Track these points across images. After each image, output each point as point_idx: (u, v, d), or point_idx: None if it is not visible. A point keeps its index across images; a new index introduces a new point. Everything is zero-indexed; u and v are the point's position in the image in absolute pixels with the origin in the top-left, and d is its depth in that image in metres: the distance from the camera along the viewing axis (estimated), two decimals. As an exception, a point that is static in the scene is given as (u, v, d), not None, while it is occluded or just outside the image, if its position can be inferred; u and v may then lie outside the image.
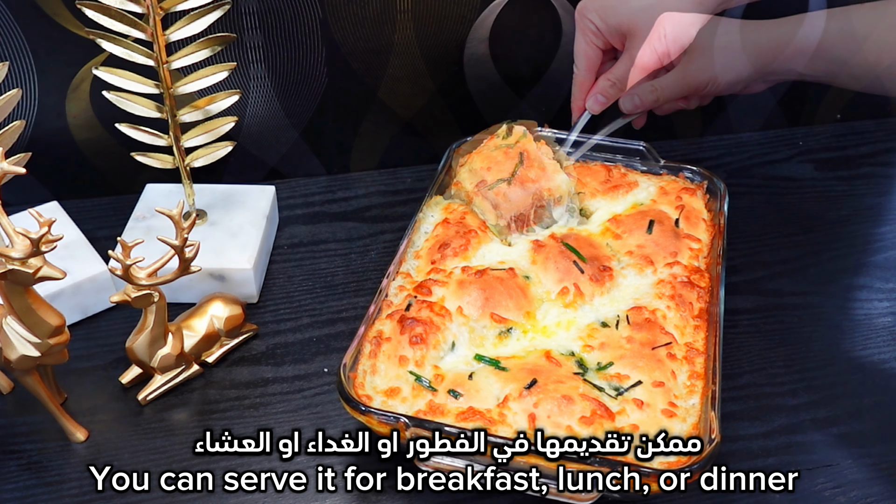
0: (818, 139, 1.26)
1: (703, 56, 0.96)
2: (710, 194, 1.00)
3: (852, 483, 0.80)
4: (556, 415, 0.73)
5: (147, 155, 0.96)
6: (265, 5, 1.02)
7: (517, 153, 0.96)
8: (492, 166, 0.96)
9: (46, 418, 0.82)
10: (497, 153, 0.97)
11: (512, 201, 0.93)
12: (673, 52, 0.92)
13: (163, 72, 0.90)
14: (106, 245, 0.98)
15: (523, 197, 0.93)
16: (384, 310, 0.84)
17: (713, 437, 0.70)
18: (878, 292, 1.00)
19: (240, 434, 0.83)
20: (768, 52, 0.95)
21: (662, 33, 0.90)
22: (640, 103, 0.98)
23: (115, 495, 0.78)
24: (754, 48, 0.95)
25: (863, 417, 0.86)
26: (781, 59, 0.95)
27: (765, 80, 1.00)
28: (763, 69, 0.97)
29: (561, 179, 0.95)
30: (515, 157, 0.95)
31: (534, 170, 0.95)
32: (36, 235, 0.68)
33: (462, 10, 1.07)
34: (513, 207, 0.94)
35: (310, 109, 1.11)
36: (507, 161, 0.95)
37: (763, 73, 0.97)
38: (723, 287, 0.86)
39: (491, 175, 0.95)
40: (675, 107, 1.02)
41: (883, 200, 1.15)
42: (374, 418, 0.73)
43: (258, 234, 0.99)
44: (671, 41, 0.91)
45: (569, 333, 0.83)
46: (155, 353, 0.84)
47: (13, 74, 0.99)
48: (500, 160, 0.96)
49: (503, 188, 0.94)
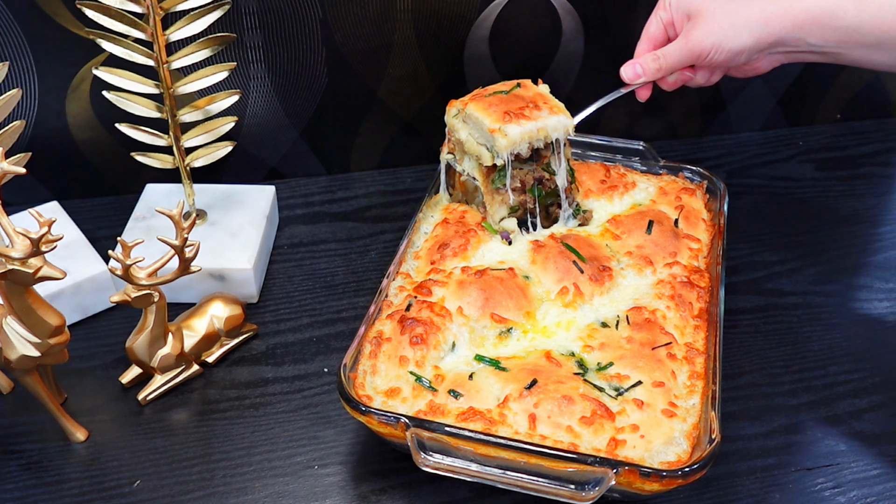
0: (818, 139, 1.26)
1: (708, 21, 0.92)
2: (710, 194, 1.00)
3: (852, 483, 0.80)
4: (557, 415, 0.73)
5: (147, 155, 0.96)
6: (265, 5, 1.02)
7: (517, 96, 0.92)
8: (490, 106, 0.91)
9: (46, 418, 0.82)
10: (495, 97, 0.93)
11: (509, 136, 0.88)
12: None
13: (163, 72, 0.90)
14: (106, 245, 0.98)
15: (521, 133, 0.88)
16: (384, 310, 0.84)
17: (713, 437, 0.70)
18: (878, 292, 1.00)
19: (239, 434, 0.83)
20: (776, 18, 0.90)
21: None
22: (641, 72, 0.95)
23: (115, 495, 0.78)
24: (761, 13, 0.90)
25: (863, 417, 0.86)
26: (790, 27, 0.90)
27: (771, 52, 0.94)
28: (770, 38, 0.91)
29: (563, 120, 0.91)
30: (516, 101, 0.91)
31: (535, 95, 0.92)
32: (36, 235, 0.68)
33: (462, 10, 1.07)
34: (510, 143, 0.89)
35: (310, 109, 1.11)
36: (507, 103, 0.92)
37: (770, 44, 0.92)
38: (723, 287, 0.86)
39: (489, 116, 0.90)
40: (682, 79, 0.98)
41: (883, 200, 1.15)
42: (374, 418, 0.73)
43: (258, 234, 0.99)
44: None
45: (569, 334, 0.83)
46: (155, 353, 0.84)
47: (13, 74, 0.99)
48: (498, 102, 0.92)
49: (498, 127, 0.89)
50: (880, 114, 1.30)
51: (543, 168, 0.92)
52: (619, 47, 1.12)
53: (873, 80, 1.27)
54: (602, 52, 1.14)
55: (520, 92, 0.93)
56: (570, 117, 0.91)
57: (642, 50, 0.97)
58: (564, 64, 1.10)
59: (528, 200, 0.92)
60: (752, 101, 1.24)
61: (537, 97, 0.93)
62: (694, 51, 0.93)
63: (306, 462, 0.81)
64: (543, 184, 0.92)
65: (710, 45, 0.92)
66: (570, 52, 1.13)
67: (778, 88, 1.24)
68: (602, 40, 1.14)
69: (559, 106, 0.92)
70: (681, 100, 1.22)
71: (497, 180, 0.92)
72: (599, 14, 1.11)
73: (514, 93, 0.93)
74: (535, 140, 0.90)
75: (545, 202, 0.94)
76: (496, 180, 0.92)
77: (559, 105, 0.92)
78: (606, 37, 1.13)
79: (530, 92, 0.94)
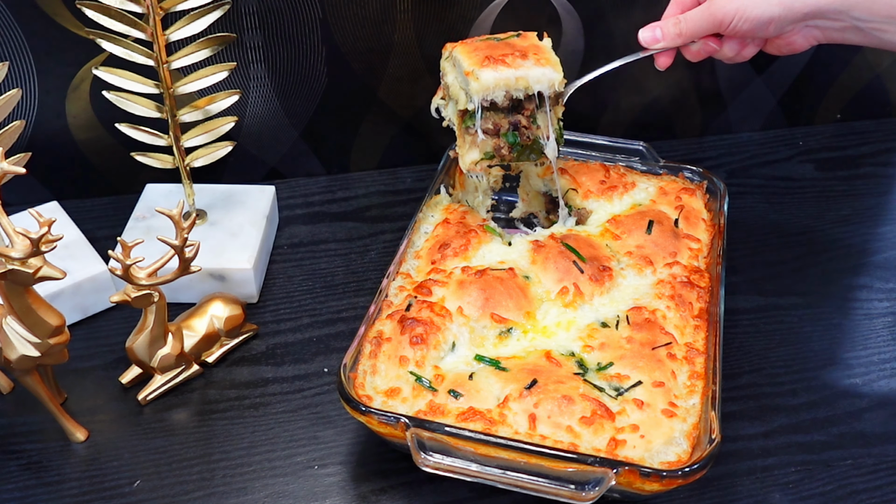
0: (818, 139, 1.26)
1: None
2: (710, 194, 1.00)
3: (852, 483, 0.80)
4: (557, 415, 0.73)
5: (147, 155, 0.96)
6: (265, 5, 1.02)
7: (509, 44, 0.89)
8: (476, 51, 0.88)
9: (46, 418, 0.82)
10: (485, 42, 0.90)
11: (481, 80, 0.85)
12: None
13: (163, 72, 0.90)
14: (106, 245, 0.98)
15: (495, 78, 0.85)
16: (384, 310, 0.84)
17: (713, 437, 0.70)
18: (878, 292, 1.00)
19: (239, 434, 0.83)
20: None
21: None
22: (661, 36, 0.90)
23: (115, 495, 0.78)
24: None
25: (862, 417, 0.86)
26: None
27: (808, 25, 0.86)
28: (805, 8, 0.83)
29: (549, 73, 0.86)
30: (503, 48, 0.88)
31: (529, 46, 0.88)
32: (36, 235, 0.68)
33: (462, 10, 1.07)
34: (482, 87, 0.85)
35: (310, 109, 1.11)
36: (493, 49, 0.88)
37: (804, 15, 0.84)
38: (723, 287, 0.86)
39: (468, 58, 0.87)
40: (707, 50, 0.91)
41: (883, 200, 1.15)
42: (374, 419, 0.73)
43: (258, 234, 0.99)
44: None
45: (569, 334, 0.83)
46: (155, 353, 0.84)
47: (13, 74, 0.99)
48: (486, 47, 0.89)
49: (472, 70, 0.86)
50: (880, 114, 1.30)
51: (525, 116, 0.89)
52: (620, 47, 1.12)
53: (873, 80, 1.27)
54: (602, 52, 1.14)
55: (515, 41, 0.91)
56: (560, 72, 0.87)
57: (669, 14, 0.92)
58: (564, 64, 1.10)
59: (502, 146, 0.90)
60: (752, 101, 1.24)
61: (530, 48, 0.89)
62: (716, 16, 0.86)
63: (306, 462, 0.81)
64: (520, 131, 0.89)
65: (732, 12, 0.85)
66: (570, 52, 1.13)
67: (778, 88, 1.24)
68: (602, 40, 1.14)
69: (550, 59, 0.88)
70: (681, 100, 1.22)
71: (469, 122, 0.89)
72: (600, 14, 1.11)
73: (507, 41, 0.91)
74: (514, 89, 0.87)
75: (524, 155, 0.91)
76: (467, 121, 0.90)
77: (551, 58, 0.88)
78: (607, 37, 1.13)
79: (526, 42, 0.90)
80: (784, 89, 1.24)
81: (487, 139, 0.89)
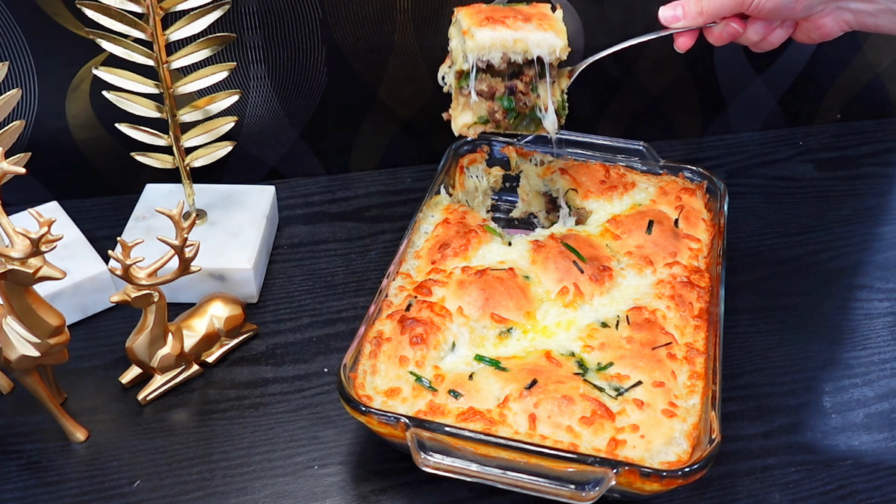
0: (818, 139, 1.26)
1: None
2: (710, 194, 1.00)
3: (852, 483, 0.80)
4: (557, 415, 0.73)
5: (147, 155, 0.96)
6: (265, 5, 1.02)
7: (515, 9, 0.86)
8: (479, 13, 0.86)
9: (46, 418, 0.82)
10: (491, 7, 0.87)
11: (476, 38, 0.82)
12: None
13: (163, 72, 0.90)
14: (106, 245, 0.98)
15: (491, 38, 0.83)
16: (384, 310, 0.84)
17: (713, 437, 0.70)
18: (878, 292, 1.00)
19: (239, 434, 0.83)
20: None
21: None
22: (682, 14, 0.85)
23: (115, 495, 0.78)
24: None
25: (863, 417, 0.86)
26: None
27: (839, 6, 0.82)
28: None
29: (549, 38, 0.83)
30: (508, 12, 0.85)
31: (535, 13, 0.85)
32: (36, 235, 0.68)
33: (462, 10, 1.07)
34: (476, 46, 0.83)
35: (310, 109, 1.11)
36: (497, 12, 0.86)
37: None
38: (723, 287, 0.86)
39: (469, 19, 0.85)
40: (731, 32, 0.86)
41: (883, 200, 1.15)
42: (374, 419, 0.73)
43: (258, 234, 0.99)
44: None
45: (569, 334, 0.83)
46: (155, 353, 0.84)
47: (13, 74, 0.99)
48: (490, 10, 0.86)
49: (468, 28, 0.83)
50: (880, 114, 1.30)
51: (523, 82, 0.86)
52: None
53: (873, 80, 1.27)
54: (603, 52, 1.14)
55: (523, 7, 0.88)
56: (562, 39, 0.84)
57: None
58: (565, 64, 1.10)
59: (496, 110, 0.87)
60: (752, 101, 1.24)
61: (536, 14, 0.86)
62: None
63: (306, 462, 0.81)
64: (516, 96, 0.86)
65: None
66: (570, 51, 1.13)
67: (778, 88, 1.24)
68: (602, 40, 1.14)
69: (555, 26, 0.85)
70: (681, 100, 1.22)
71: (463, 82, 0.87)
72: (600, 14, 1.11)
73: (515, 6, 0.88)
74: (512, 52, 0.84)
75: (520, 124, 0.88)
76: (462, 81, 0.87)
77: (555, 25, 0.85)
78: (606, 36, 1.13)
79: (534, 10, 0.88)
80: (784, 89, 1.24)
81: (481, 101, 0.86)
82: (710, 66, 1.20)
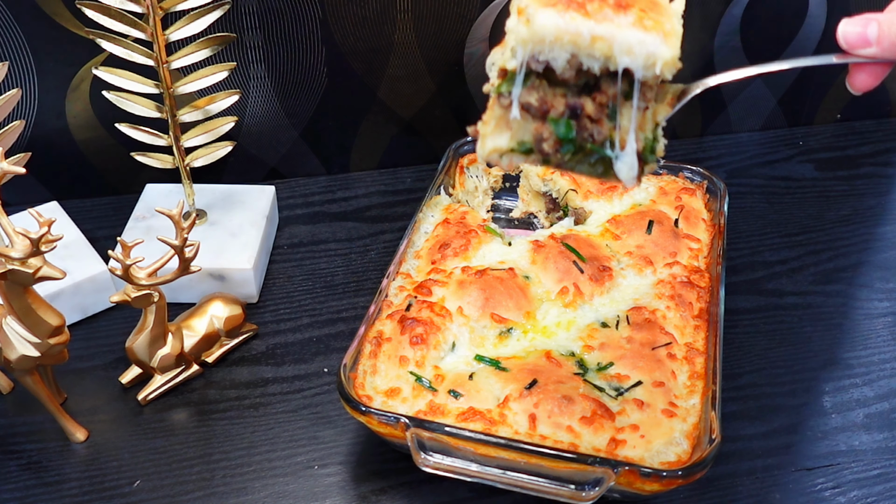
0: (818, 139, 1.26)
1: None
2: (710, 194, 1.00)
3: (852, 483, 0.80)
4: (557, 415, 0.73)
5: (147, 155, 0.96)
6: (265, 5, 1.02)
7: None
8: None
9: (46, 418, 0.82)
10: None
11: (535, 23, 0.55)
12: None
13: (163, 72, 0.90)
14: (106, 245, 0.98)
15: (556, 28, 0.55)
16: (384, 310, 0.84)
17: (713, 437, 0.70)
18: (878, 292, 1.00)
19: (239, 434, 0.83)
20: None
21: None
22: (874, 37, 0.59)
23: (115, 495, 0.78)
24: None
25: (863, 418, 0.86)
26: None
27: None
28: None
29: (650, 42, 0.55)
30: None
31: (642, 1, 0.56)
32: (36, 235, 0.68)
33: (462, 10, 1.07)
34: (532, 36, 0.56)
35: (310, 109, 1.11)
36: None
37: None
38: (723, 287, 0.86)
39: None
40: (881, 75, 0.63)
41: (883, 200, 1.15)
42: (374, 419, 0.73)
43: (258, 234, 0.99)
44: None
45: (569, 334, 0.83)
46: (155, 353, 0.84)
47: (13, 74, 0.99)
48: None
49: (526, 5, 0.56)
50: (880, 114, 1.30)
51: (595, 102, 0.58)
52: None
53: (873, 80, 1.26)
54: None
55: None
56: (673, 48, 0.56)
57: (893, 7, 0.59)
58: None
59: (545, 137, 0.59)
60: (752, 101, 1.24)
61: (642, 1, 0.57)
62: None
63: (306, 462, 0.81)
64: (580, 121, 0.58)
65: None
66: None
67: (778, 88, 1.24)
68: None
69: (664, 25, 0.56)
70: (681, 100, 1.22)
71: (505, 86, 0.59)
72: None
73: None
74: (586, 55, 0.56)
75: (580, 162, 0.60)
76: (504, 85, 0.59)
77: (666, 25, 0.56)
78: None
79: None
80: (784, 89, 1.24)
81: (526, 120, 0.59)
82: (710, 66, 1.20)
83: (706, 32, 1.15)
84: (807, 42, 1.19)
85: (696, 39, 1.07)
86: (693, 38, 1.02)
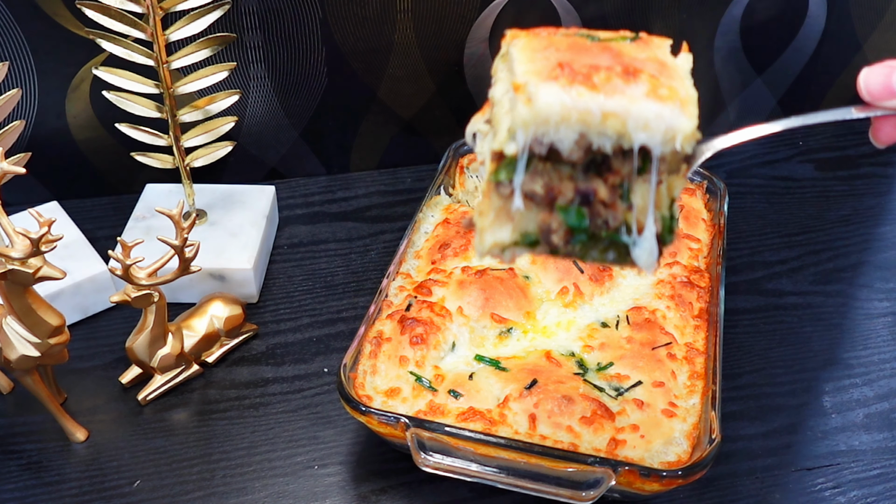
0: (818, 139, 1.26)
1: None
2: (710, 194, 1.00)
3: (852, 483, 0.80)
4: (557, 415, 0.73)
5: (147, 155, 0.96)
6: (265, 5, 1.02)
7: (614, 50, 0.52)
8: (550, 48, 0.52)
9: (46, 418, 0.82)
10: (574, 39, 0.54)
11: (537, 102, 0.49)
12: None
13: (163, 72, 0.90)
14: (106, 245, 0.98)
15: (562, 106, 0.49)
16: (384, 310, 0.84)
17: (713, 437, 0.70)
18: (878, 292, 1.00)
19: (239, 434, 0.83)
20: None
21: None
22: None
23: (115, 495, 0.78)
24: None
25: (863, 417, 0.86)
26: None
27: None
28: None
29: (669, 115, 0.50)
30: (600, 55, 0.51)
31: (647, 59, 0.51)
32: (36, 235, 0.68)
33: (462, 10, 1.07)
34: (534, 117, 0.49)
35: (310, 109, 1.11)
36: (581, 52, 0.52)
37: None
38: (723, 287, 0.86)
39: (531, 62, 0.51)
40: None
41: (883, 200, 1.15)
42: (374, 418, 0.73)
43: (258, 234, 0.99)
44: None
45: (569, 334, 0.83)
46: (155, 353, 0.84)
47: (13, 74, 0.99)
48: (569, 48, 0.53)
49: (526, 82, 0.50)
50: (880, 114, 1.30)
51: (608, 184, 0.52)
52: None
53: (873, 80, 1.26)
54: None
55: (624, 47, 0.53)
56: (692, 118, 0.51)
57: None
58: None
59: (553, 228, 0.53)
60: (752, 101, 1.24)
61: (648, 63, 0.51)
62: None
63: (306, 462, 0.81)
64: (593, 209, 0.53)
65: None
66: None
67: (778, 88, 1.24)
68: None
69: (679, 91, 0.51)
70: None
71: (504, 173, 0.52)
72: (600, 14, 1.11)
73: (609, 42, 0.54)
74: (597, 134, 0.50)
75: (593, 252, 0.54)
76: (502, 172, 0.52)
77: (681, 91, 0.51)
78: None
79: (644, 52, 0.53)
80: (784, 89, 1.24)
81: (530, 210, 0.52)
82: (710, 66, 1.20)
83: (706, 32, 1.15)
84: (807, 42, 1.19)
85: (697, 40, 1.08)
86: (693, 39, 1.02)
